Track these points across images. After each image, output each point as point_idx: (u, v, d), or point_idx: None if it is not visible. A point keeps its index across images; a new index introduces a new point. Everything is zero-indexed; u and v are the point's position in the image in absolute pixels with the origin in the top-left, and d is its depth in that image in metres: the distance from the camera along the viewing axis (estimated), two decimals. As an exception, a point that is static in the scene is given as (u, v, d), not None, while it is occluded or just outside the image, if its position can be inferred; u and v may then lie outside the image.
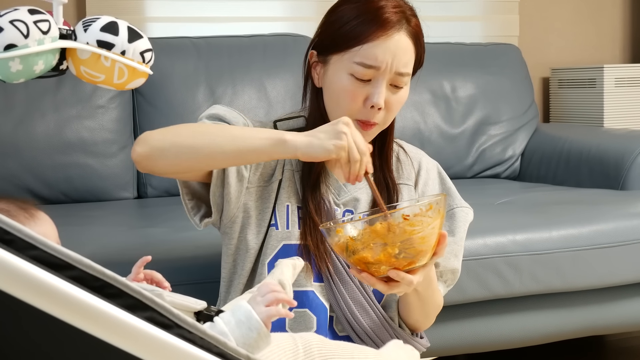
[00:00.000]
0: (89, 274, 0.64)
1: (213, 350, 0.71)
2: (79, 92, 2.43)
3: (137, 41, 1.06)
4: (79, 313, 0.62)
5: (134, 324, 0.65)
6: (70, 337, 0.63)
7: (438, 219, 1.17)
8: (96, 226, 2.03)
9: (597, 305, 2.06)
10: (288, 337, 1.13)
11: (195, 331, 0.69)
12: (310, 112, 1.45)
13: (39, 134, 2.36)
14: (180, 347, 0.67)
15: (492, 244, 1.89)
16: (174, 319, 0.68)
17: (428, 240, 1.17)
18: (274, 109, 2.56)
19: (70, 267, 0.63)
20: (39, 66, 0.98)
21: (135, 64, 1.05)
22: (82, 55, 1.02)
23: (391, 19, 1.33)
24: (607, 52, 3.64)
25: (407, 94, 1.40)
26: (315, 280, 1.39)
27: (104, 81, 1.05)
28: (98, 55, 1.02)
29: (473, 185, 2.61)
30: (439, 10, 3.26)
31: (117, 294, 0.65)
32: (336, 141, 1.21)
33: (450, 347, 1.93)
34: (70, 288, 0.62)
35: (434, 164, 1.56)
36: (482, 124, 2.89)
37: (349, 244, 1.17)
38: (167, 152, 1.26)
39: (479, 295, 1.89)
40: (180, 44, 2.61)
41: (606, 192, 2.40)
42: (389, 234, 1.16)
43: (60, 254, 0.63)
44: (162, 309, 0.67)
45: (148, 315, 0.66)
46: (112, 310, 0.64)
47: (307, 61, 1.44)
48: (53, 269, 0.62)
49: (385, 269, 1.17)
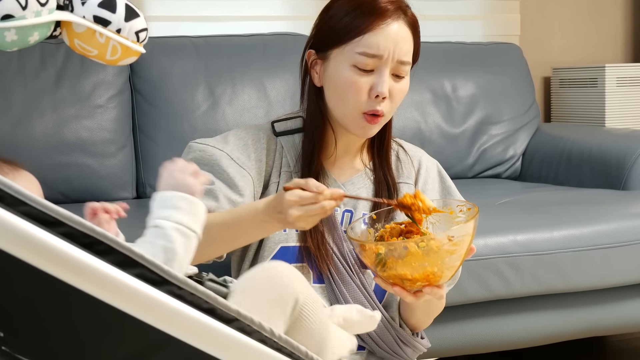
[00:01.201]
0: (79, 230, 0.65)
1: (203, 306, 0.71)
2: (78, 91, 2.42)
3: (134, 20, 1.05)
4: (69, 269, 0.63)
5: (124, 280, 0.65)
6: (60, 293, 0.64)
7: (472, 236, 1.19)
8: None
9: (598, 306, 2.06)
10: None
11: (185, 287, 0.69)
12: (309, 113, 1.45)
13: (37, 133, 2.35)
14: (169, 304, 0.68)
15: (493, 244, 1.88)
16: (164, 275, 0.68)
17: (464, 257, 1.19)
18: (274, 108, 2.55)
19: (61, 223, 0.64)
20: (34, 37, 0.98)
21: (129, 42, 1.04)
22: (77, 29, 1.02)
23: (388, 7, 1.34)
24: (609, 52, 3.63)
25: (408, 84, 1.40)
26: (316, 282, 1.39)
27: (96, 56, 1.05)
28: (93, 31, 1.02)
29: (474, 185, 2.61)
30: (440, 10, 3.25)
31: (107, 251, 0.66)
32: (303, 224, 1.18)
33: (451, 348, 1.93)
34: (61, 244, 0.63)
35: (433, 162, 1.56)
36: (483, 124, 2.88)
37: (388, 262, 1.16)
38: None
39: (479, 296, 1.88)
40: (179, 43, 2.61)
41: (608, 192, 2.40)
42: (430, 254, 1.15)
43: (51, 211, 0.64)
44: (152, 265, 0.68)
45: (138, 272, 0.67)
46: (102, 266, 0.65)
47: (305, 62, 1.44)
48: (44, 225, 0.63)
49: (420, 284, 1.18)
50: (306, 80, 1.45)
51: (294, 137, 1.46)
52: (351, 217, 1.44)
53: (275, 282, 1.02)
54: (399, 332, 1.43)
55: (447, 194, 1.51)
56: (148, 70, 2.53)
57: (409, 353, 1.45)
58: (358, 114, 1.36)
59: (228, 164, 1.38)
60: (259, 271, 1.05)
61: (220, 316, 0.73)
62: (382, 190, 1.46)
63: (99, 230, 0.65)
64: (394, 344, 1.42)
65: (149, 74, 2.52)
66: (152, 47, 2.57)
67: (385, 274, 1.18)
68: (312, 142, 1.43)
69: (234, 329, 0.74)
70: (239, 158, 1.39)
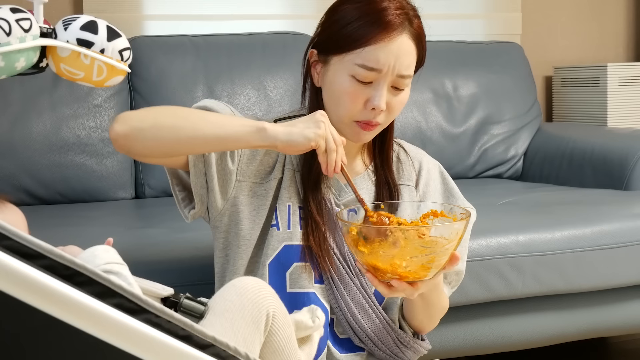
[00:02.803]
0: (60, 262, 0.68)
1: (179, 333, 0.75)
2: (76, 91, 2.42)
3: (116, 40, 1.09)
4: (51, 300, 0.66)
5: (103, 310, 0.69)
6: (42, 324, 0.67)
7: (455, 240, 1.17)
8: (93, 227, 2.02)
9: (600, 307, 2.05)
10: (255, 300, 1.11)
11: (162, 315, 0.73)
12: (310, 112, 1.43)
13: (35, 133, 2.35)
14: (146, 332, 0.71)
15: (495, 245, 1.88)
16: (142, 304, 0.72)
17: (439, 260, 1.17)
18: (274, 108, 2.55)
19: (42, 256, 0.67)
20: (20, 63, 1.01)
21: (114, 62, 1.08)
22: (62, 53, 1.06)
23: (394, 21, 1.32)
24: (611, 51, 3.62)
25: (408, 95, 1.39)
26: (316, 282, 1.39)
27: (83, 78, 1.09)
28: (78, 53, 1.06)
29: (475, 186, 2.61)
30: (441, 8, 3.24)
31: (87, 282, 0.69)
32: (316, 129, 1.22)
33: (452, 349, 1.93)
34: (42, 276, 0.66)
35: (435, 163, 1.56)
36: (484, 124, 2.88)
37: (360, 244, 1.17)
38: (146, 132, 1.23)
39: (481, 297, 1.88)
40: (178, 43, 2.61)
41: (610, 192, 2.39)
42: (399, 247, 1.15)
43: (32, 244, 0.66)
44: (130, 295, 0.71)
45: (116, 302, 0.70)
46: (82, 297, 0.68)
47: (307, 60, 1.43)
48: (25, 259, 0.66)
49: (390, 276, 1.17)
50: (307, 78, 1.44)
51: None
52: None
53: (245, 300, 1.06)
54: (398, 334, 1.42)
55: (450, 196, 1.51)
56: (147, 69, 2.52)
57: (409, 355, 1.45)
58: (350, 122, 1.36)
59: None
60: (230, 289, 1.09)
61: (196, 343, 0.76)
62: (383, 192, 1.45)
63: (78, 262, 0.68)
64: (394, 346, 1.42)
65: (148, 74, 2.52)
66: (151, 46, 2.57)
67: (359, 257, 1.19)
68: None
69: (209, 355, 0.78)
70: None
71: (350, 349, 1.41)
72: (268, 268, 1.38)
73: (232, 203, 1.39)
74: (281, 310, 1.10)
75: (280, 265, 1.38)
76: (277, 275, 1.38)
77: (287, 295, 1.36)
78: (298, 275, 1.37)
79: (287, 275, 1.38)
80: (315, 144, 1.22)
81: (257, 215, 1.40)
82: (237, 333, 1.01)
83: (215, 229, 1.41)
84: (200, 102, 1.40)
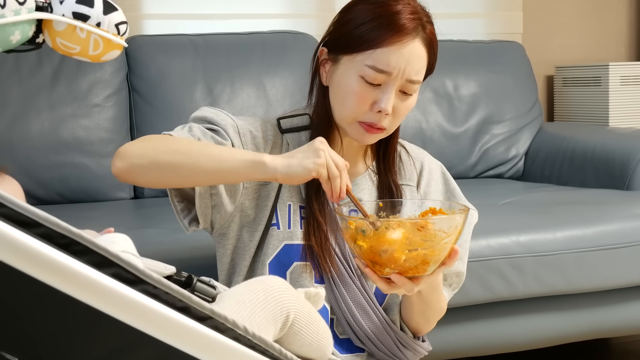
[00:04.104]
0: (56, 231, 0.67)
1: (177, 305, 0.74)
2: (75, 90, 2.42)
3: (112, 13, 1.08)
4: (46, 269, 0.65)
5: (100, 280, 0.68)
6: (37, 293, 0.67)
7: (454, 234, 1.17)
8: (92, 227, 1.96)
9: (602, 308, 2.05)
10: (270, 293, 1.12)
11: (160, 286, 0.72)
12: (316, 110, 1.44)
13: (33, 133, 2.35)
14: (144, 302, 0.71)
15: (496, 245, 1.88)
16: (139, 274, 0.71)
17: (438, 254, 1.17)
18: (273, 107, 2.54)
19: (38, 224, 0.66)
20: (15, 36, 1.00)
21: (110, 35, 1.07)
22: (57, 27, 1.05)
23: (407, 25, 1.32)
24: (613, 50, 3.61)
25: (415, 101, 1.39)
26: (317, 282, 1.39)
27: (79, 52, 1.08)
28: (74, 27, 1.05)
29: (476, 186, 2.60)
30: (441, 7, 3.22)
31: (84, 251, 0.68)
32: (315, 159, 1.21)
33: (453, 350, 1.93)
34: (38, 245, 0.65)
35: (437, 164, 1.56)
36: (485, 123, 2.87)
37: (358, 238, 1.17)
38: (147, 169, 1.25)
39: (482, 298, 1.87)
40: (177, 42, 2.60)
41: (611, 192, 2.39)
42: (400, 240, 1.15)
43: (28, 212, 0.66)
44: (128, 265, 0.70)
45: (114, 272, 0.69)
46: (79, 266, 0.67)
47: (317, 58, 1.43)
48: (21, 226, 0.65)
49: (389, 271, 1.18)
50: (316, 77, 1.44)
51: (299, 134, 1.45)
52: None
53: (269, 297, 1.07)
54: (398, 335, 1.42)
55: (451, 197, 1.51)
56: (146, 68, 2.52)
57: (409, 356, 1.45)
58: (354, 122, 1.36)
59: (234, 135, 1.38)
60: (257, 284, 1.09)
61: (194, 314, 0.76)
62: (385, 196, 1.45)
63: (75, 230, 0.68)
64: (394, 347, 1.42)
65: (147, 73, 2.51)
66: (150, 45, 2.57)
67: (357, 251, 1.19)
68: None
69: (207, 327, 0.77)
70: (244, 134, 1.39)
71: (350, 349, 1.41)
72: (268, 267, 1.38)
73: (240, 209, 1.39)
74: (303, 311, 1.11)
75: (281, 265, 1.38)
76: (277, 275, 1.37)
77: None
78: (298, 275, 1.37)
79: (288, 274, 1.38)
80: (317, 174, 1.21)
81: (259, 216, 1.40)
82: (252, 321, 1.02)
83: (223, 236, 1.41)
84: (197, 112, 1.40)
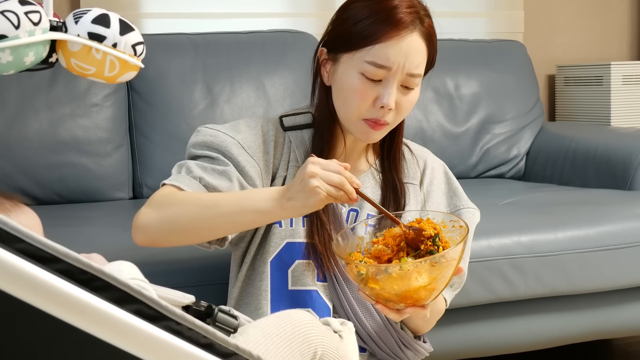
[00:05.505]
0: (76, 267, 0.65)
1: (201, 341, 0.72)
2: (73, 90, 2.41)
3: (129, 34, 1.05)
4: (66, 306, 0.63)
5: (121, 317, 0.66)
6: (57, 331, 0.64)
7: (459, 256, 1.17)
8: (91, 227, 2.01)
9: (603, 309, 2.05)
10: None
11: (183, 322, 0.70)
12: (319, 110, 1.45)
13: (31, 132, 2.34)
14: (167, 340, 0.68)
15: (497, 246, 1.87)
16: (162, 310, 0.69)
17: (446, 281, 1.18)
18: (273, 107, 2.54)
19: (57, 260, 0.64)
20: (30, 57, 0.97)
21: (126, 56, 1.04)
22: (72, 48, 1.02)
23: (405, 19, 1.32)
24: (614, 49, 3.61)
25: (417, 95, 1.39)
26: (319, 280, 1.39)
27: (94, 74, 1.04)
28: (89, 48, 1.01)
29: (477, 186, 2.60)
30: (442, 6, 3.22)
31: (104, 287, 0.66)
32: (315, 198, 1.19)
33: (454, 351, 1.92)
34: (57, 281, 0.63)
35: (439, 163, 1.56)
36: (486, 123, 2.86)
37: (369, 282, 1.17)
38: (169, 239, 1.33)
39: (483, 298, 1.87)
40: (176, 41, 2.60)
41: (613, 192, 2.38)
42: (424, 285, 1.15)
43: (47, 247, 0.63)
44: (150, 300, 0.68)
45: (135, 308, 0.67)
46: (100, 303, 0.65)
47: (317, 58, 1.43)
48: (40, 262, 0.63)
49: (402, 305, 1.19)
50: (317, 77, 1.45)
51: (302, 132, 1.46)
52: (356, 217, 1.44)
53: (297, 333, 1.07)
54: (400, 335, 1.42)
55: (453, 196, 1.51)
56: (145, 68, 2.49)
57: (410, 357, 1.45)
58: (358, 120, 1.36)
59: (239, 152, 1.38)
60: (285, 317, 1.10)
61: (218, 351, 0.74)
62: (389, 194, 1.45)
63: (96, 266, 0.65)
64: (395, 347, 1.42)
65: (146, 72, 2.50)
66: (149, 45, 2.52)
67: (367, 291, 1.19)
68: (322, 139, 1.43)
69: None
70: (249, 147, 1.40)
71: (351, 349, 1.40)
72: (270, 265, 1.38)
73: None
74: (331, 347, 1.11)
75: (282, 263, 1.38)
76: (279, 273, 1.38)
77: (288, 293, 1.37)
78: (300, 273, 1.38)
79: (289, 272, 1.38)
80: (326, 202, 1.21)
81: None
82: (277, 356, 1.02)
83: (241, 239, 1.43)
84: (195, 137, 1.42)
